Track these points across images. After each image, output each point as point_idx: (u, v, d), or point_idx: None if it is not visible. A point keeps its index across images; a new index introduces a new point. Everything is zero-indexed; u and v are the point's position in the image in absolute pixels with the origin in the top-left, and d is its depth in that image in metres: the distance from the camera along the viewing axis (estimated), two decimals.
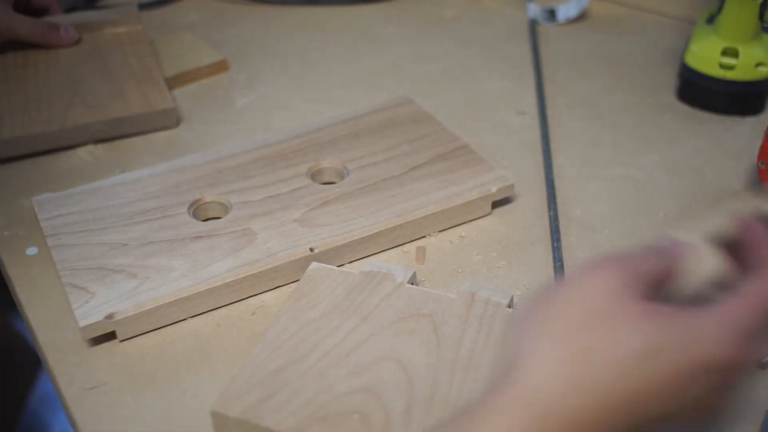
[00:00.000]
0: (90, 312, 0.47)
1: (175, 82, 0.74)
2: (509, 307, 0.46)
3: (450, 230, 0.57)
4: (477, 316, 0.46)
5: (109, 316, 0.47)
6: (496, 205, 0.58)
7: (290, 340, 0.44)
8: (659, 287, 0.35)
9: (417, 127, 0.64)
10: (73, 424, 0.44)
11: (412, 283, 0.49)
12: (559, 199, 0.59)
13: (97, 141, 0.66)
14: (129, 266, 0.50)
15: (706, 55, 0.68)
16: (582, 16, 0.87)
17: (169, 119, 0.68)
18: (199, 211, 0.56)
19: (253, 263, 0.50)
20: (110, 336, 0.48)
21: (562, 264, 0.53)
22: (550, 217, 0.57)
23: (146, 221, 0.54)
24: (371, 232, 0.53)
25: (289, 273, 0.51)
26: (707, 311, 0.33)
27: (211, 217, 0.56)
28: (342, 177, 0.59)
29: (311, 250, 0.52)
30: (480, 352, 0.43)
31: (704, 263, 0.38)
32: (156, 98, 0.68)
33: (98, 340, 0.48)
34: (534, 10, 0.87)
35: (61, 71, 0.71)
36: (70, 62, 0.72)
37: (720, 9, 0.68)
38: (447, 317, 0.46)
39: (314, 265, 0.50)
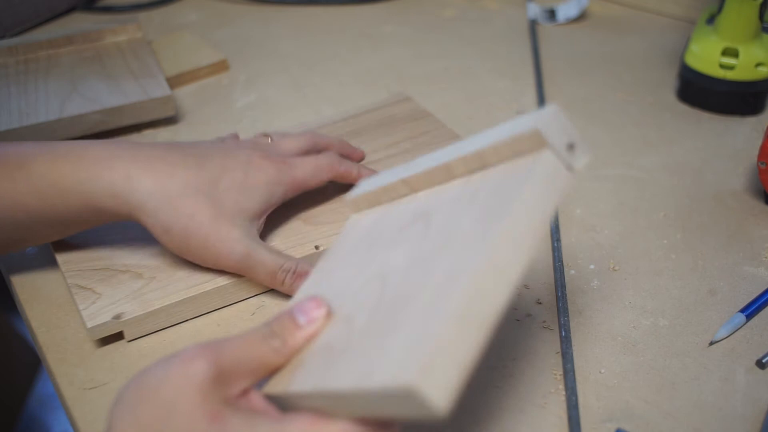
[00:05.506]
0: (97, 313, 0.47)
1: (175, 82, 0.75)
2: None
3: None
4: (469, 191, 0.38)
5: (117, 317, 0.47)
6: None
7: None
8: (262, 374, 0.36)
9: (416, 125, 0.64)
10: (73, 424, 0.44)
11: None
12: None
13: (96, 134, 0.66)
14: (134, 266, 0.50)
15: (706, 55, 0.68)
16: (582, 16, 0.87)
17: (168, 108, 0.68)
18: None
19: None
20: (117, 336, 0.48)
21: (562, 264, 0.53)
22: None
23: None
24: None
25: None
26: (289, 420, 0.33)
27: None
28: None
29: (316, 248, 0.52)
30: (454, 228, 0.36)
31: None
32: (153, 88, 0.68)
33: (107, 341, 0.48)
34: (534, 10, 0.87)
35: (62, 73, 0.71)
36: (71, 66, 0.72)
37: (720, 9, 0.68)
38: (441, 206, 0.39)
39: (352, 217, 0.48)
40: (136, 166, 0.46)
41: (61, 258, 0.51)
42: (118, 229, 0.53)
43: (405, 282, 0.36)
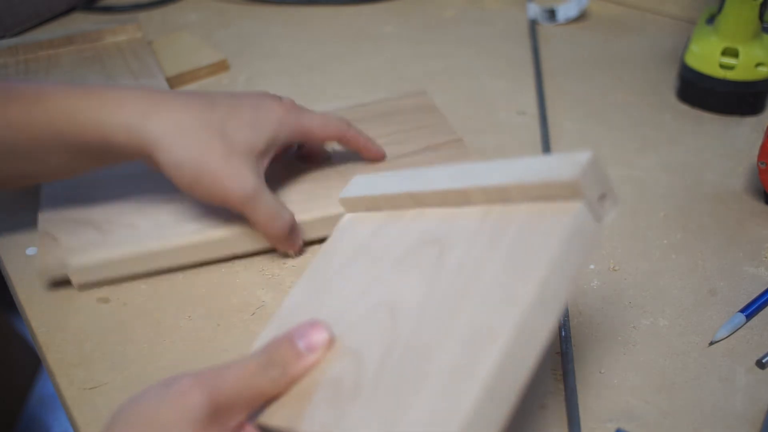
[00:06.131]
0: (50, 258, 0.50)
1: (175, 81, 0.75)
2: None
3: None
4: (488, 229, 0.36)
5: (65, 265, 0.50)
6: None
7: (302, 309, 0.42)
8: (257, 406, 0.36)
9: (417, 118, 0.64)
10: (73, 424, 0.44)
11: None
12: None
13: None
14: (99, 221, 0.53)
15: (706, 55, 0.68)
16: (582, 16, 0.87)
17: None
18: None
19: (216, 228, 0.52)
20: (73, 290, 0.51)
21: None
22: None
23: (131, 182, 0.56)
24: (333, 213, 0.53)
25: (251, 243, 0.53)
26: None
27: None
28: (326, 159, 0.60)
29: None
30: (476, 273, 0.35)
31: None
32: (153, 87, 0.68)
33: (58, 286, 0.51)
34: (534, 10, 0.87)
35: (62, 73, 0.71)
36: (71, 66, 0.72)
37: (720, 9, 0.68)
38: (457, 237, 0.38)
39: (347, 216, 0.48)
40: (150, 103, 0.48)
41: (42, 206, 0.54)
42: (102, 188, 0.56)
43: (422, 325, 0.35)
